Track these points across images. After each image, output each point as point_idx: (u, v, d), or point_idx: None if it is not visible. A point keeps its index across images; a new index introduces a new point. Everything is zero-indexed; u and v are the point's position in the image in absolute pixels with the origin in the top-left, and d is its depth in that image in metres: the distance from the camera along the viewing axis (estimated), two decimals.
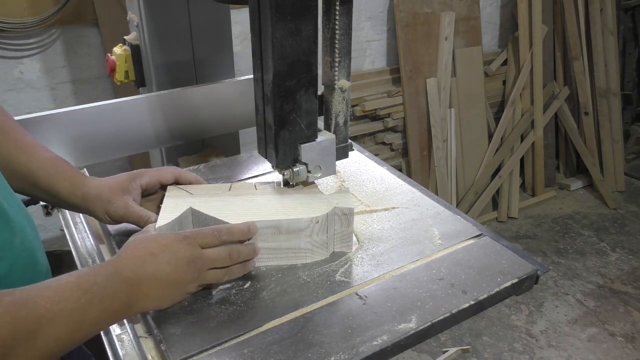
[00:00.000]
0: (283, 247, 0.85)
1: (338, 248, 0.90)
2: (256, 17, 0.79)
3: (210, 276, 0.77)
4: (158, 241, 0.73)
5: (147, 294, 0.70)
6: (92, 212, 0.88)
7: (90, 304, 0.63)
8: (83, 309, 0.62)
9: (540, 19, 2.88)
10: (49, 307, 0.60)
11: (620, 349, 2.17)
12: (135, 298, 0.69)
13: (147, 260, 0.70)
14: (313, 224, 0.84)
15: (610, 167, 3.26)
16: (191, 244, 0.74)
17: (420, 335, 0.74)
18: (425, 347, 2.15)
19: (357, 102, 2.62)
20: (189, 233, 0.76)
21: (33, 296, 0.60)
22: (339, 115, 0.93)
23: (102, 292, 0.65)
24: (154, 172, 0.93)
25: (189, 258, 0.73)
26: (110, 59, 1.41)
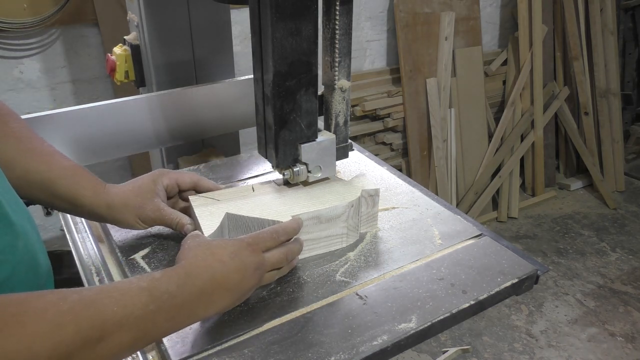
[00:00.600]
0: (322, 235, 0.88)
1: (364, 229, 0.94)
2: (256, 17, 0.79)
3: (267, 278, 0.78)
4: (226, 249, 0.71)
5: (216, 302, 0.68)
6: (120, 221, 0.86)
7: (158, 311, 0.61)
8: (150, 317, 0.60)
9: (540, 19, 2.88)
10: (116, 310, 0.57)
11: (620, 349, 2.17)
12: (204, 307, 0.67)
13: (217, 269, 0.68)
14: (349, 208, 0.87)
15: (610, 167, 3.26)
16: (255, 251, 0.73)
17: (420, 335, 0.74)
18: (425, 347, 2.15)
19: (357, 102, 2.62)
20: (251, 239, 0.75)
21: (101, 297, 0.58)
22: (339, 115, 0.93)
23: (172, 300, 0.62)
24: (173, 174, 0.92)
25: (256, 265, 0.72)
26: (110, 59, 1.41)
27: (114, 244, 0.91)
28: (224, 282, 0.68)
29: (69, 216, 1.00)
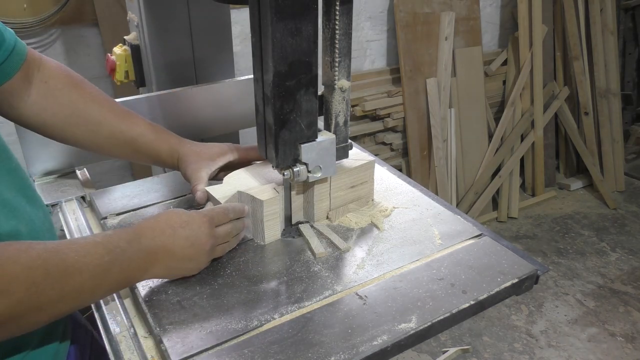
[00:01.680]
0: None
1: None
2: (256, 17, 0.79)
3: (219, 251, 0.84)
4: (180, 216, 0.78)
5: (161, 263, 0.75)
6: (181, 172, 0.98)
7: (112, 263, 0.68)
8: (106, 266, 0.67)
9: (540, 19, 2.88)
10: (77, 258, 0.64)
11: (620, 349, 2.17)
12: (150, 265, 0.74)
13: (165, 233, 0.75)
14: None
15: (610, 167, 3.26)
16: (209, 222, 0.80)
17: (420, 335, 0.74)
18: (425, 347, 2.15)
19: (357, 102, 2.62)
20: (207, 212, 0.82)
21: (63, 247, 0.65)
22: (339, 115, 0.93)
23: (122, 254, 0.70)
24: (242, 151, 1.02)
25: (206, 235, 0.79)
26: (110, 59, 1.41)
27: None
28: (169, 245, 0.75)
29: (69, 216, 1.00)
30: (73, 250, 0.65)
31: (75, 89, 0.94)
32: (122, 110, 0.97)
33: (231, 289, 0.81)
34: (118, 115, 0.96)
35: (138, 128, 0.97)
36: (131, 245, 0.72)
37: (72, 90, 0.94)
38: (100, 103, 0.95)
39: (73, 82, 0.95)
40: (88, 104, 0.94)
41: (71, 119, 0.93)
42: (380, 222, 0.97)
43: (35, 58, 0.91)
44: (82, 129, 0.94)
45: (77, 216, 1.00)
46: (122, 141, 0.96)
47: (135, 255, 0.72)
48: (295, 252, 0.90)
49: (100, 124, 0.94)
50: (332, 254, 0.90)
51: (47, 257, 0.62)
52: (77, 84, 0.95)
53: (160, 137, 0.98)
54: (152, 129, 0.98)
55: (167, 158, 0.98)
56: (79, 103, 0.93)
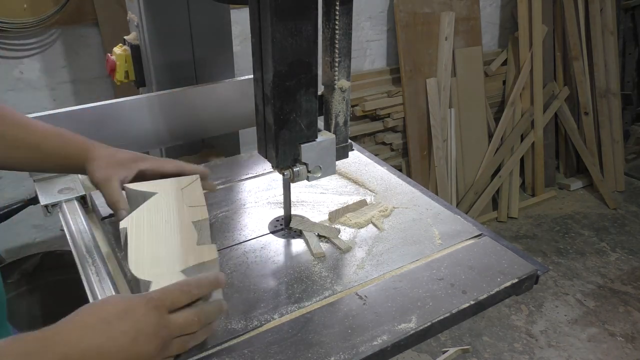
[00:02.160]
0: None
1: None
2: (256, 17, 0.79)
3: (176, 347, 0.63)
4: (116, 304, 0.59)
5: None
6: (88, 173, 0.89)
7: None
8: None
9: (540, 19, 2.88)
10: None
11: (620, 349, 2.17)
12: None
13: (96, 330, 0.56)
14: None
15: (610, 167, 3.26)
16: (157, 308, 0.60)
17: (420, 335, 0.74)
18: (425, 347, 2.15)
19: (357, 102, 2.62)
20: (154, 294, 0.62)
21: None
22: (339, 115, 0.93)
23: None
24: (155, 161, 0.93)
25: (154, 327, 0.59)
26: (110, 59, 1.41)
27: (114, 243, 0.91)
28: (103, 345, 0.56)
29: (68, 216, 1.00)
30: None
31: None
32: (23, 119, 0.91)
33: (231, 289, 0.81)
34: (21, 125, 0.90)
35: (40, 133, 0.90)
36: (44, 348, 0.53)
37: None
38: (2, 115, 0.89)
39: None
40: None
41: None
42: (380, 222, 0.97)
43: None
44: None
45: (77, 216, 1.00)
46: (27, 148, 0.89)
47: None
48: (295, 252, 0.90)
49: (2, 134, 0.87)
50: (332, 254, 0.90)
51: None
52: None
53: (66, 139, 0.91)
54: (57, 132, 0.91)
55: (76, 161, 0.90)
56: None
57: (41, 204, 1.03)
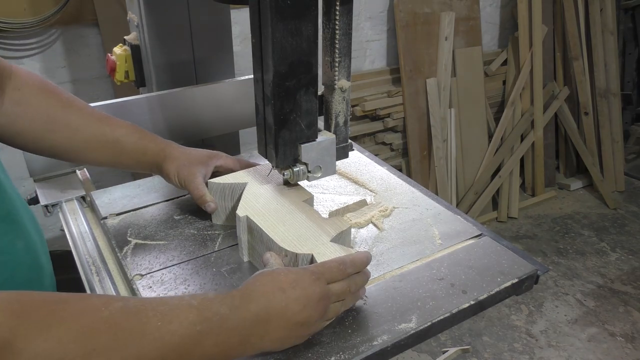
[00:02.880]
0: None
1: None
2: (256, 17, 0.79)
3: (332, 312, 0.71)
4: (287, 276, 0.66)
5: (271, 333, 0.63)
6: (166, 172, 0.93)
7: (206, 333, 0.57)
8: (196, 337, 0.56)
9: (540, 19, 2.88)
10: (160, 325, 0.54)
11: (620, 349, 2.17)
12: (258, 336, 0.62)
13: (276, 296, 0.64)
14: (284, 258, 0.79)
15: (610, 167, 3.26)
16: (319, 280, 0.68)
17: (420, 335, 0.74)
18: (425, 347, 2.15)
19: (357, 102, 2.62)
20: (315, 268, 0.70)
21: (146, 309, 0.55)
22: (339, 115, 0.93)
23: (223, 323, 0.59)
24: (231, 159, 1.00)
25: (319, 295, 0.66)
26: (110, 59, 1.41)
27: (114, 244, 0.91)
28: (282, 310, 0.63)
29: (69, 216, 1.00)
30: (158, 313, 0.55)
31: (51, 95, 0.90)
32: (101, 114, 0.94)
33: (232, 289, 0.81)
34: (98, 119, 0.93)
35: (121, 129, 0.94)
36: (237, 311, 0.60)
37: (48, 96, 0.90)
38: (79, 108, 0.92)
39: (47, 88, 0.91)
40: (66, 109, 0.91)
41: (49, 125, 0.89)
42: (380, 222, 0.97)
43: (5, 67, 0.87)
44: (60, 134, 0.90)
45: (77, 216, 1.00)
46: (104, 143, 0.92)
47: (239, 325, 0.60)
48: None
49: (80, 128, 0.91)
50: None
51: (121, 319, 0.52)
52: (51, 90, 0.91)
53: (145, 136, 0.95)
54: (136, 129, 0.95)
55: (153, 157, 0.94)
56: (56, 109, 0.90)
57: (41, 204, 1.03)
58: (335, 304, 0.70)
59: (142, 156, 0.94)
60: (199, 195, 0.91)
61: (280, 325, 0.64)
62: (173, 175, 0.92)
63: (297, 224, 0.83)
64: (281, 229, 0.81)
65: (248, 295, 0.63)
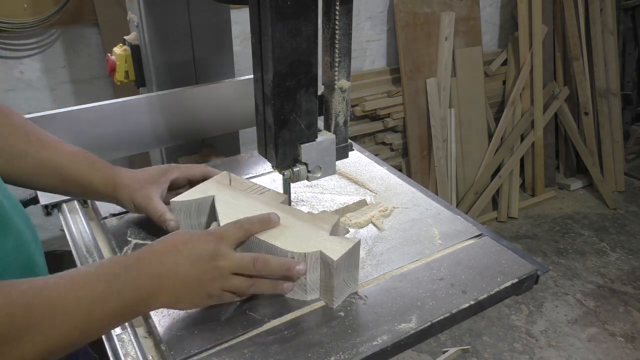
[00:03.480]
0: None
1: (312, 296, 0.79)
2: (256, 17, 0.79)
3: (234, 282, 0.71)
4: (183, 235, 0.71)
5: (165, 290, 0.67)
6: (119, 200, 0.90)
7: (108, 294, 0.62)
8: (99, 300, 0.61)
9: (540, 19, 2.88)
10: (64, 295, 0.59)
11: (620, 349, 2.17)
12: (153, 293, 0.66)
13: (168, 255, 0.68)
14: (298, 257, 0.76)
15: (610, 167, 3.26)
16: (215, 239, 0.71)
17: (420, 335, 0.74)
18: (425, 347, 2.15)
19: (357, 102, 2.62)
20: (214, 229, 0.74)
21: (49, 284, 0.59)
22: (339, 115, 0.93)
23: (120, 284, 0.63)
24: (184, 168, 0.95)
25: (210, 253, 0.69)
26: (110, 59, 1.41)
27: (114, 244, 0.91)
28: (172, 267, 0.67)
29: (68, 216, 1.00)
30: (61, 286, 0.59)
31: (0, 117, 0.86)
32: (50, 140, 0.89)
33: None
34: (45, 145, 0.87)
35: (67, 156, 0.88)
36: (129, 271, 0.65)
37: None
38: (27, 132, 0.87)
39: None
40: (12, 132, 0.85)
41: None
42: (380, 222, 0.97)
43: None
44: (5, 158, 0.84)
45: (77, 216, 1.00)
46: (50, 170, 0.87)
47: (135, 284, 0.64)
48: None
49: (25, 153, 0.85)
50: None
51: (30, 297, 0.57)
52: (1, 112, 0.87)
53: (92, 165, 0.89)
54: (84, 156, 0.90)
55: (101, 187, 0.89)
56: (3, 131, 0.85)
57: (41, 204, 1.03)
58: (239, 278, 0.71)
59: (88, 185, 0.89)
60: (157, 215, 0.87)
61: (172, 282, 0.67)
62: (128, 203, 0.90)
63: (290, 225, 0.80)
64: (276, 233, 0.78)
65: (142, 256, 0.68)
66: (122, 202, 0.90)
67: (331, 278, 0.74)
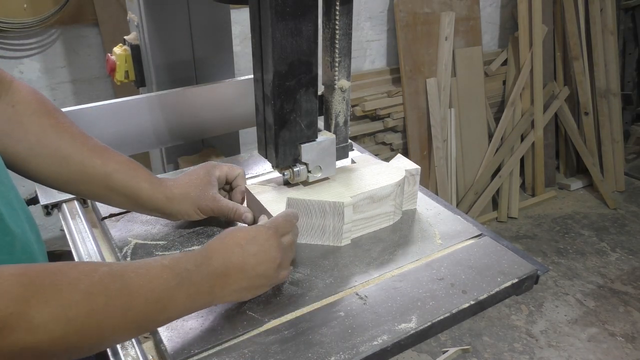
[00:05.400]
0: (375, 214, 0.94)
1: (406, 206, 1.01)
2: (256, 17, 0.79)
3: (286, 261, 0.79)
4: (246, 232, 0.74)
5: (232, 285, 0.71)
6: (179, 212, 0.89)
7: (179, 287, 0.65)
8: (171, 292, 0.64)
9: (540, 19, 2.88)
10: (142, 284, 0.61)
11: (620, 349, 2.17)
12: (220, 289, 0.70)
13: (234, 252, 0.71)
14: (396, 187, 0.93)
15: (610, 167, 3.26)
16: (275, 234, 0.76)
17: (420, 335, 0.74)
18: (425, 347, 2.15)
19: (357, 102, 2.62)
20: (269, 224, 0.78)
21: (128, 271, 0.62)
22: (339, 115, 0.93)
23: (190, 278, 0.66)
24: (224, 166, 0.96)
25: (275, 249, 0.74)
26: (110, 59, 1.41)
27: (114, 244, 0.91)
28: (239, 264, 0.71)
29: (69, 216, 1.00)
30: (139, 274, 0.62)
31: (47, 117, 0.84)
32: (96, 145, 0.86)
33: None
34: (91, 149, 0.85)
35: (113, 164, 0.85)
36: (200, 268, 0.68)
37: (43, 118, 0.83)
38: (73, 135, 0.85)
39: (45, 109, 0.84)
40: (59, 134, 0.83)
41: (37, 149, 0.82)
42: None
43: (4, 79, 0.81)
44: (48, 160, 0.82)
45: (77, 216, 1.00)
46: (93, 177, 0.84)
47: (203, 280, 0.68)
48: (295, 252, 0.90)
49: (70, 157, 0.83)
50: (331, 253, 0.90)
51: (110, 282, 0.59)
52: (49, 112, 0.85)
53: (139, 174, 0.87)
54: (130, 166, 0.87)
55: (149, 198, 0.87)
56: (48, 132, 0.83)
57: (41, 204, 1.03)
58: (288, 254, 0.78)
59: (134, 196, 0.86)
60: (232, 212, 0.90)
61: (240, 277, 0.71)
62: (194, 214, 0.90)
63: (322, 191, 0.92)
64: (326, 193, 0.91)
65: (209, 253, 0.70)
66: (185, 212, 0.89)
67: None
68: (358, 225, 0.93)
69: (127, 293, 0.60)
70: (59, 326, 0.54)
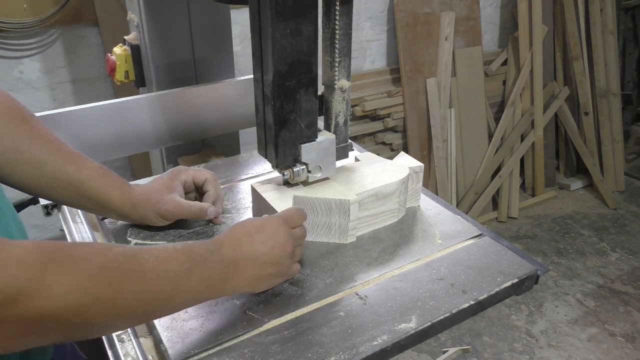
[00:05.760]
0: (379, 211, 0.95)
1: (410, 204, 1.02)
2: (256, 17, 0.79)
3: (298, 253, 0.81)
4: (254, 222, 0.76)
5: (242, 273, 0.72)
6: (143, 217, 0.90)
7: (192, 270, 0.66)
8: (185, 274, 0.65)
9: (540, 19, 2.88)
10: (156, 264, 0.62)
11: (620, 349, 2.17)
12: (231, 276, 0.71)
13: (244, 241, 0.73)
14: (401, 185, 0.94)
15: (610, 167, 3.26)
16: (285, 223, 0.77)
17: (420, 335, 0.74)
18: (425, 347, 2.15)
19: (357, 102, 2.62)
20: (281, 214, 0.80)
21: (142, 252, 0.63)
22: (339, 115, 0.93)
23: (203, 263, 0.68)
24: (191, 171, 0.97)
25: (284, 236, 0.76)
26: (110, 59, 1.41)
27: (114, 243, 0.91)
28: (249, 252, 0.73)
29: (68, 216, 1.00)
30: (152, 256, 0.63)
31: (22, 122, 0.84)
32: (70, 151, 0.87)
33: None
34: (65, 156, 0.85)
35: (86, 171, 0.86)
36: (212, 254, 0.69)
37: (18, 123, 0.83)
38: (48, 141, 0.85)
39: (20, 115, 0.85)
40: (34, 140, 0.83)
41: (10, 154, 0.81)
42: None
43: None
44: (22, 166, 0.82)
45: (76, 216, 1.00)
46: (67, 183, 0.85)
47: (216, 265, 0.69)
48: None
49: (44, 163, 0.83)
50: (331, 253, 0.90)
51: (124, 260, 0.60)
52: (24, 117, 0.85)
53: (110, 182, 0.88)
54: (103, 173, 0.88)
55: (118, 205, 0.88)
56: (23, 137, 0.83)
57: (41, 204, 1.03)
58: (299, 247, 0.80)
59: (105, 204, 0.88)
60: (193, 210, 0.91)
61: (251, 265, 0.73)
62: (153, 217, 0.90)
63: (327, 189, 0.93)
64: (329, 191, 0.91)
65: (221, 242, 0.72)
66: (147, 218, 0.90)
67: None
68: (363, 222, 0.93)
69: (141, 272, 0.61)
70: (76, 296, 0.54)
